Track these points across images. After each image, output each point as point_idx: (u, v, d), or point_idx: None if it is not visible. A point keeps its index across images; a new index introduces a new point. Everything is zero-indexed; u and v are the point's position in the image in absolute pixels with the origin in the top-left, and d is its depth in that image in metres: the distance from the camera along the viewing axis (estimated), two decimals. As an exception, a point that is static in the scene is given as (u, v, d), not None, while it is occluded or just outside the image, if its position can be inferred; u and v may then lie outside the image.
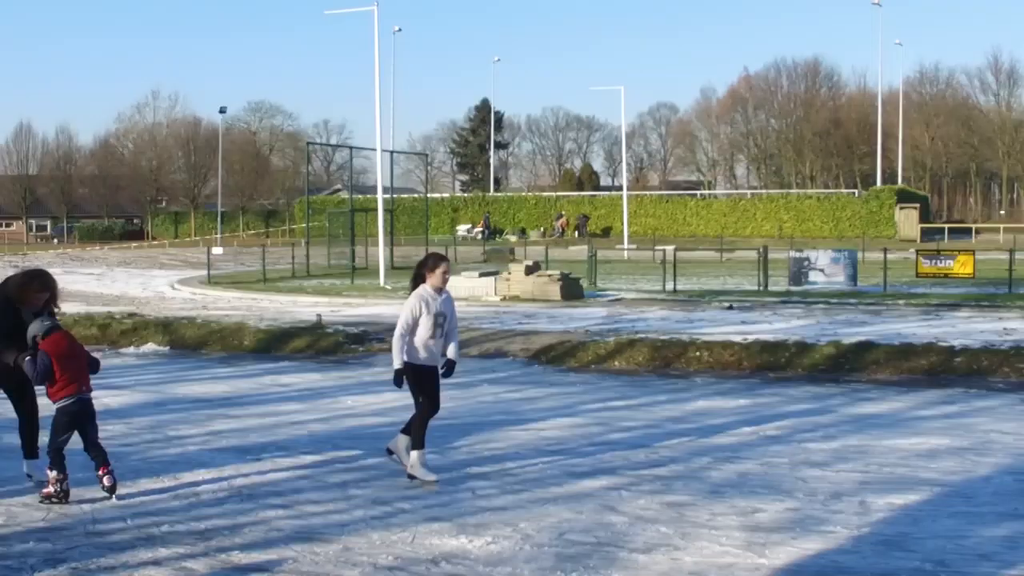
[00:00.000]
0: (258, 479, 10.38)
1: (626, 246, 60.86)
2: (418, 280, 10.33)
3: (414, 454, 10.15)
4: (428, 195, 75.84)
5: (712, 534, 8.56)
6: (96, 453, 9.59)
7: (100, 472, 9.52)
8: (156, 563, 7.86)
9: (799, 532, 8.59)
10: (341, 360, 19.44)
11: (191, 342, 21.04)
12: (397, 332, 10.09)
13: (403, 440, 10.35)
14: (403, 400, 14.89)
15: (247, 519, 8.97)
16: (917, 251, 35.49)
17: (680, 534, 8.56)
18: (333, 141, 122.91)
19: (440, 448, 11.75)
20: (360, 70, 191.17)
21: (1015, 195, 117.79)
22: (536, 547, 8.24)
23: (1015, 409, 14.27)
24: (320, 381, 17.03)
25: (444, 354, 10.48)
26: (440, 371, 10.50)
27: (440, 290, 10.25)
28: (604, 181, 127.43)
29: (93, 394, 9.81)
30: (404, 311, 10.15)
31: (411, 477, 10.14)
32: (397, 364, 10.08)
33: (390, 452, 10.54)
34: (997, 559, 7.94)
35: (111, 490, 9.49)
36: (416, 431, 10.20)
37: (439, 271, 10.20)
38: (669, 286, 32.09)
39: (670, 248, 36.84)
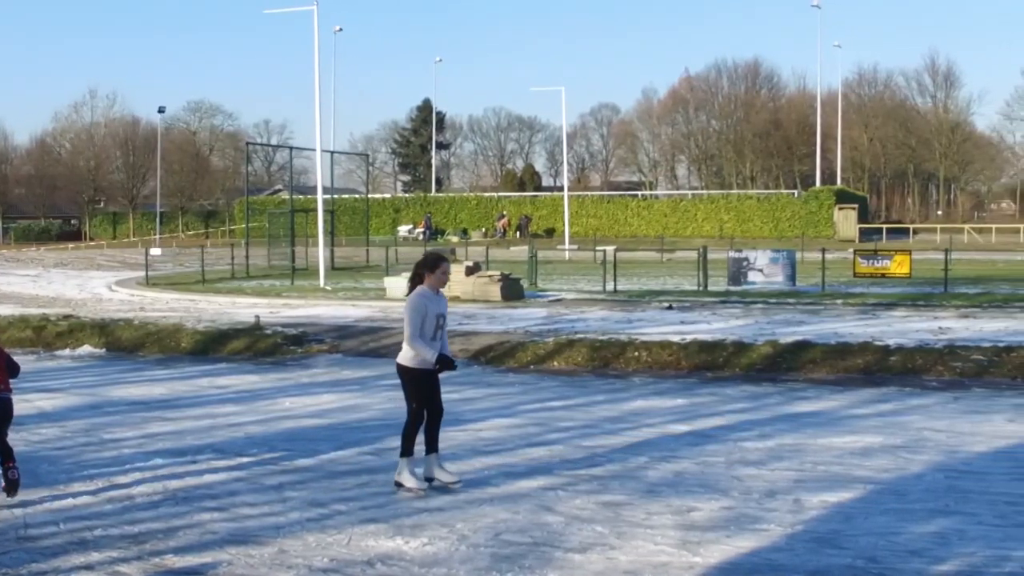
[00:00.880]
0: (193, 482, 10.31)
1: (567, 246, 60.97)
2: (416, 280, 10.05)
3: (402, 461, 9.97)
4: (369, 195, 75.65)
5: (647, 533, 8.60)
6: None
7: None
8: (88, 567, 7.80)
9: (733, 530, 8.66)
10: (279, 361, 19.35)
11: (128, 344, 20.86)
12: (412, 334, 9.75)
13: (432, 459, 10.15)
14: (342, 402, 14.97)
15: (182, 522, 8.92)
16: (855, 251, 35.81)
17: (616, 533, 8.60)
18: (274, 141, 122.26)
19: (377, 450, 11.75)
20: (301, 70, 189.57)
21: (952, 196, 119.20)
22: (472, 547, 8.25)
23: (948, 407, 14.46)
24: (258, 383, 16.95)
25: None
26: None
27: (437, 290, 10.06)
28: (546, 181, 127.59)
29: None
30: (410, 312, 9.78)
31: (398, 485, 9.92)
32: (431, 357, 9.77)
33: (430, 480, 10.07)
34: (927, 555, 8.04)
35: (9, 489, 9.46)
36: (406, 438, 10.01)
37: (439, 271, 9.98)
38: (609, 286, 32.20)
39: (610, 248, 36.98)
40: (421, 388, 10.00)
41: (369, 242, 54.65)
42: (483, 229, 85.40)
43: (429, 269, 9.97)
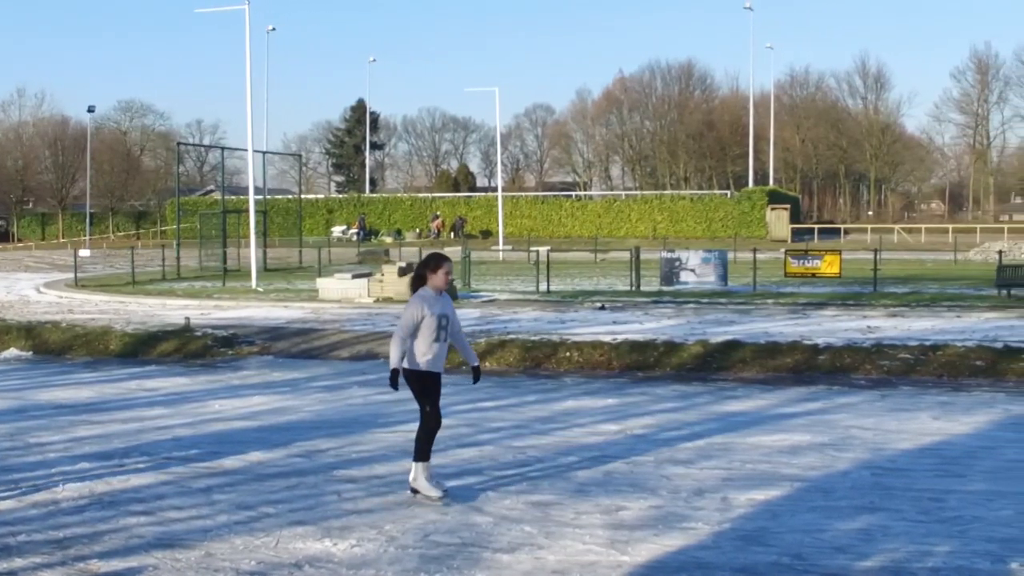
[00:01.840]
0: (120, 485, 10.22)
1: (501, 247, 61.01)
2: (418, 282, 9.87)
3: (418, 466, 9.71)
4: (302, 196, 75.24)
5: (576, 533, 8.63)
6: None
7: None
8: (11, 574, 7.70)
9: (661, 529, 8.71)
10: (210, 364, 19.22)
11: (55, 347, 20.62)
12: (397, 334, 9.63)
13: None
14: (272, 404, 14.88)
15: (107, 527, 8.83)
16: (786, 251, 36.10)
17: (544, 533, 8.62)
18: (206, 141, 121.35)
19: (307, 451, 11.70)
20: (233, 69, 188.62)
21: (883, 196, 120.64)
22: (401, 549, 8.24)
23: (875, 405, 14.64)
24: (187, 385, 16.82)
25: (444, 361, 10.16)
26: (472, 381, 10.49)
27: (440, 291, 9.89)
28: (481, 182, 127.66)
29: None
30: (406, 314, 9.67)
31: (414, 492, 9.68)
32: (394, 364, 9.64)
33: (415, 492, 9.76)
34: (852, 551, 8.13)
35: None
36: (421, 442, 9.78)
37: (442, 271, 9.79)
38: (543, 287, 32.26)
39: (544, 249, 37.03)
40: (429, 389, 9.89)
41: (302, 243, 54.39)
42: (417, 230, 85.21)
43: (431, 270, 9.78)
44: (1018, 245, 57.26)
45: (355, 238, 79.26)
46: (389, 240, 79.39)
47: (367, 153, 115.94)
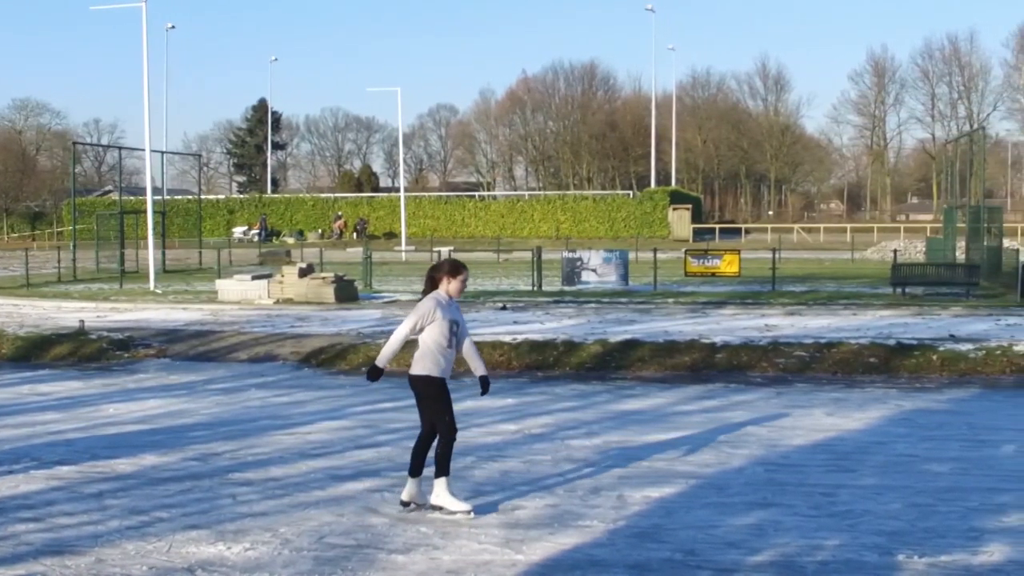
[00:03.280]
0: (9, 492, 10.02)
1: (404, 247, 60.88)
2: (431, 284, 9.52)
3: (441, 482, 9.20)
4: (203, 196, 74.39)
5: (471, 532, 8.64)
6: None
7: None
8: None
9: (557, 527, 8.74)
10: (105, 367, 18.92)
11: (-55, 351, 20.16)
12: (401, 331, 9.32)
13: (417, 482, 9.40)
14: (168, 407, 14.69)
15: (-6, 534, 8.66)
16: (686, 251, 36.42)
17: (440, 534, 8.61)
18: (104, 141, 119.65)
19: (202, 455, 11.58)
20: (131, 68, 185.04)
21: (783, 196, 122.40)
22: (295, 551, 8.18)
23: (770, 402, 14.84)
24: (81, 389, 16.54)
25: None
26: (479, 392, 9.94)
27: (452, 298, 9.55)
28: (384, 182, 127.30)
29: None
30: (415, 314, 9.33)
31: (435, 508, 9.20)
32: (382, 362, 9.36)
33: (405, 504, 9.36)
34: (744, 546, 8.23)
35: None
36: (444, 457, 9.25)
37: (459, 279, 9.46)
38: (445, 287, 32.12)
39: (446, 249, 36.97)
40: (445, 397, 9.45)
41: (202, 244, 53.77)
42: (320, 230, 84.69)
43: (451, 275, 9.43)
44: (914, 244, 58.35)
45: (256, 239, 78.55)
46: (291, 241, 78.80)
47: (269, 153, 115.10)
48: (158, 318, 25.32)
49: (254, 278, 30.57)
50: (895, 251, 40.84)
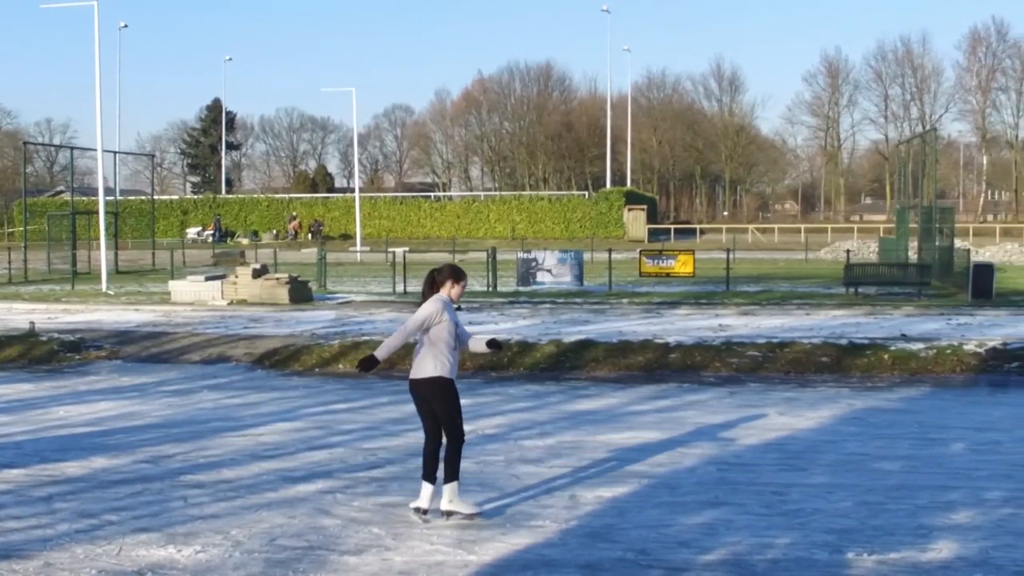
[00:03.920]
0: (-44, 496, 9.92)
1: (359, 248, 60.74)
2: (433, 287, 9.36)
3: (453, 487, 9.08)
4: (156, 197, 73.92)
5: (423, 533, 8.63)
6: None
7: None
8: None
9: (509, 528, 8.75)
10: (56, 369, 18.76)
11: None
12: (408, 328, 9.18)
13: (431, 488, 9.18)
14: (119, 409, 14.57)
15: (-60, 538, 8.56)
16: (641, 251, 36.55)
17: (392, 535, 8.60)
18: (56, 140, 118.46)
19: (153, 457, 11.50)
20: (84, 67, 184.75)
21: (738, 197, 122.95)
22: (246, 553, 8.14)
23: (723, 402, 14.91)
24: (31, 391, 16.39)
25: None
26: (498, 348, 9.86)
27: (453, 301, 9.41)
28: (340, 183, 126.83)
29: None
30: (423, 312, 9.15)
31: (448, 514, 9.05)
32: (381, 354, 9.13)
33: (448, 514, 9.10)
34: (695, 545, 8.27)
35: None
36: (455, 461, 9.14)
37: (462, 284, 9.42)
38: (399, 288, 32.18)
39: (401, 250, 36.92)
40: (456, 400, 9.30)
41: (155, 245, 53.41)
42: (274, 231, 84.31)
43: (455, 280, 9.36)
44: (867, 244, 58.83)
45: (210, 240, 78.13)
46: (245, 242, 78.38)
47: (223, 153, 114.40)
48: (110, 319, 25.13)
49: (208, 279, 30.41)
50: (848, 251, 41.16)
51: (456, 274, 9.43)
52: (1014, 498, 9.60)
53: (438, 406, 9.22)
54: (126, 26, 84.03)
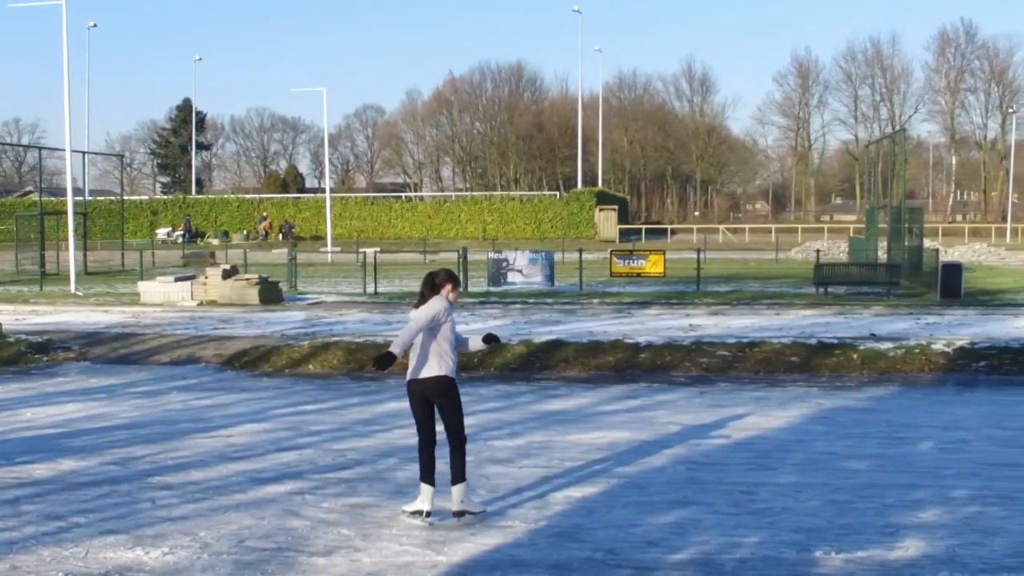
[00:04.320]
0: (-79, 498, 9.84)
1: (330, 248, 60.61)
2: (433, 290, 9.23)
3: (464, 487, 9.06)
4: (125, 197, 73.57)
5: (392, 534, 8.62)
6: None
7: None
8: None
9: (478, 528, 8.75)
10: (23, 371, 18.65)
11: None
12: (418, 324, 8.96)
13: (456, 492, 9.09)
14: (87, 411, 14.49)
15: (-95, 541, 8.50)
16: (611, 251, 36.59)
17: (361, 535, 8.59)
18: (25, 141, 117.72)
19: (121, 459, 11.45)
20: (52, 66, 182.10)
21: (709, 197, 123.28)
22: (215, 555, 8.11)
23: (693, 401, 14.95)
24: (-2, 393, 16.30)
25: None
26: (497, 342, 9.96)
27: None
28: (310, 183, 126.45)
29: None
30: (430, 309, 9.01)
31: (459, 515, 9.01)
32: (398, 351, 8.79)
33: (459, 514, 9.06)
34: (664, 544, 8.29)
35: None
36: (463, 460, 9.09)
37: (457, 290, 9.36)
38: (370, 289, 32.13)
39: (371, 251, 36.85)
40: (460, 399, 9.27)
41: (125, 246, 53.15)
42: (245, 231, 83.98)
43: (454, 284, 9.32)
44: (837, 244, 59.11)
45: (180, 240, 77.80)
46: (215, 242, 78.05)
47: (193, 153, 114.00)
48: (79, 321, 24.98)
49: (177, 280, 30.27)
50: (818, 251, 41.28)
51: (454, 279, 9.41)
52: (980, 496, 9.66)
53: (444, 405, 9.16)
54: (95, 25, 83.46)
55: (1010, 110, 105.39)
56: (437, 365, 9.05)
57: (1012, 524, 8.81)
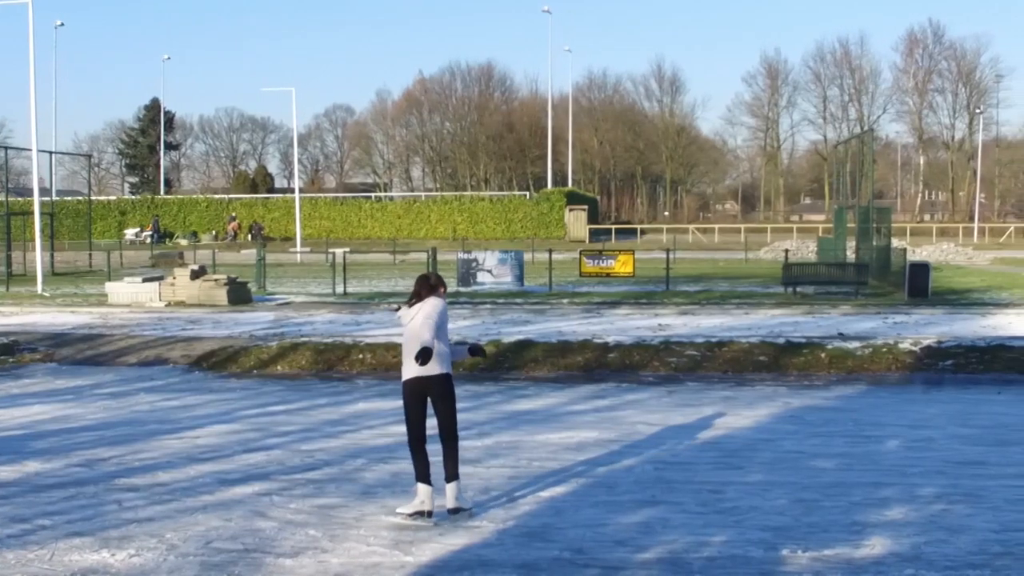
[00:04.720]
0: None
1: (299, 249, 60.47)
2: (429, 291, 9.32)
3: (457, 486, 9.07)
4: (93, 197, 73.19)
5: (360, 535, 8.60)
6: None
7: None
8: None
9: (446, 528, 8.74)
10: (-11, 372, 18.53)
11: None
12: (432, 320, 8.98)
13: (452, 489, 9.09)
14: (54, 412, 14.40)
15: None
16: (581, 251, 36.63)
17: (329, 536, 8.57)
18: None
19: (87, 461, 11.38)
20: (19, 65, 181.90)
21: (679, 197, 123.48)
22: (181, 557, 8.07)
23: (662, 401, 14.97)
24: (-37, 395, 16.17)
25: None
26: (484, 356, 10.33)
27: None
28: (280, 183, 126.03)
29: None
30: (437, 306, 9.13)
31: (455, 512, 9.01)
32: (431, 344, 8.88)
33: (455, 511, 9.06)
34: (632, 544, 8.30)
35: None
36: (457, 455, 9.16)
37: (446, 291, 9.44)
38: (339, 289, 32.06)
39: (341, 251, 36.76)
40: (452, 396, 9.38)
41: (92, 246, 52.86)
42: (214, 232, 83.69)
43: (444, 287, 9.47)
44: (806, 244, 59.34)
45: (148, 241, 77.45)
46: (184, 243, 77.71)
47: (162, 153, 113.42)
48: (45, 321, 24.84)
49: (145, 280, 30.12)
50: (787, 251, 41.45)
51: (443, 282, 9.56)
52: (946, 494, 9.72)
53: (444, 404, 9.28)
54: (62, 24, 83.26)
55: (977, 111, 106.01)
56: (439, 364, 9.15)
57: (977, 522, 8.86)
